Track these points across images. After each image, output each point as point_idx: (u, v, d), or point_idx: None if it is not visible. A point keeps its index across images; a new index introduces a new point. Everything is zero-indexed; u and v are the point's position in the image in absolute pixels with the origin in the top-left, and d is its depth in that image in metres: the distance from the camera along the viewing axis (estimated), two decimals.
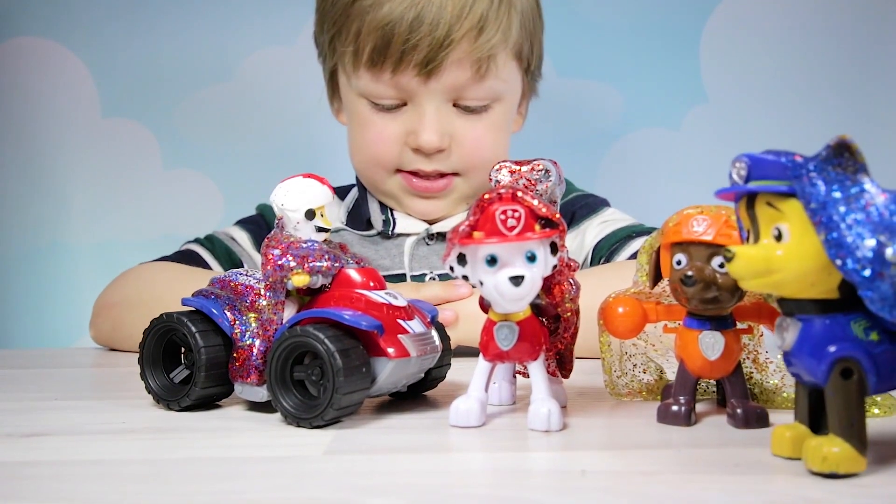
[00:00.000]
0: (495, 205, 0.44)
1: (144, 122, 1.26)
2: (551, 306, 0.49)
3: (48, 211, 1.25)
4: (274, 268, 0.49)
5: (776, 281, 0.37)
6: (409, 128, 0.84)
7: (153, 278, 0.85)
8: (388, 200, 0.92)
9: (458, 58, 0.81)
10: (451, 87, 0.83)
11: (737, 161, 0.39)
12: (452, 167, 0.86)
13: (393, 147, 0.86)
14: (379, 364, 0.48)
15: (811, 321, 0.38)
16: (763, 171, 0.38)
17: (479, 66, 0.82)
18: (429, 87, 0.82)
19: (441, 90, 0.83)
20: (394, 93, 0.84)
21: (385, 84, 0.83)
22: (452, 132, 0.84)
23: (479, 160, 0.85)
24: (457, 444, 0.45)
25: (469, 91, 0.83)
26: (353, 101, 0.89)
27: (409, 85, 0.82)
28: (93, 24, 1.25)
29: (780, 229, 0.37)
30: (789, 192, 0.37)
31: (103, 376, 0.72)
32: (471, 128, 0.85)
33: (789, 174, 0.37)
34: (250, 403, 0.53)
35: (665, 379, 0.54)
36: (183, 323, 0.51)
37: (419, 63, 0.80)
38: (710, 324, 0.47)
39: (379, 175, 0.89)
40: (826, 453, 0.36)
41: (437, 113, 0.83)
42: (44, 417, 0.52)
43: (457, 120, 0.85)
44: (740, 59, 1.25)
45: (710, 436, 0.45)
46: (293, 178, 0.51)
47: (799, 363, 0.38)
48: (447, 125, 0.84)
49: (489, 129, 0.86)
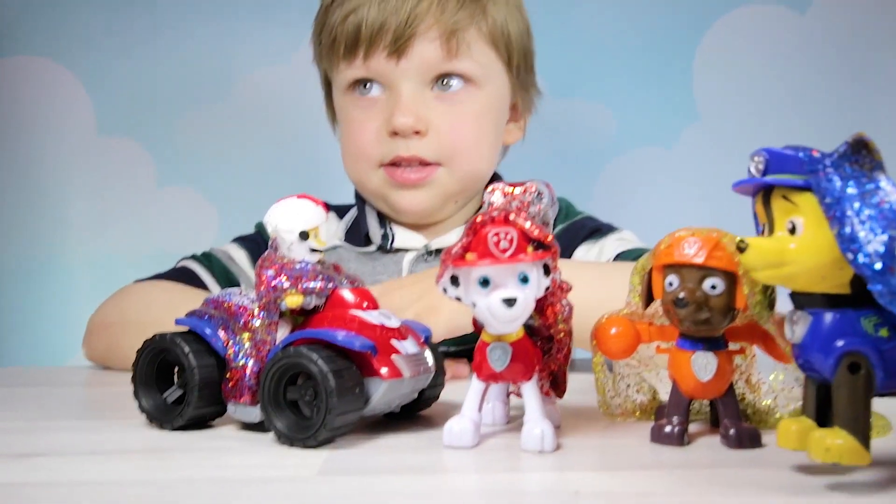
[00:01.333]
0: (488, 227, 0.44)
1: (140, 140, 1.26)
2: (544, 327, 0.49)
3: (43, 227, 1.25)
4: (268, 288, 0.49)
5: (788, 273, 0.38)
6: (386, 115, 0.85)
7: (150, 299, 0.85)
8: (377, 202, 0.91)
9: (425, 32, 0.82)
10: (423, 66, 0.84)
11: (755, 155, 0.40)
12: (433, 154, 0.85)
13: (373, 139, 0.86)
14: (372, 384, 0.48)
15: (821, 315, 0.38)
16: (781, 165, 0.39)
17: (447, 41, 0.83)
18: (401, 67, 0.83)
19: (414, 70, 0.84)
20: (367, 74, 0.85)
21: (359, 69, 0.85)
22: (430, 118, 0.84)
23: (460, 146, 0.85)
24: (450, 464, 0.45)
25: (442, 68, 0.84)
26: (340, 103, 0.90)
27: (382, 67, 0.84)
28: (89, 42, 1.26)
29: (794, 223, 0.38)
30: (805, 187, 0.38)
31: (96, 396, 0.72)
32: (449, 113, 0.85)
33: (806, 169, 0.38)
34: (243, 424, 0.53)
35: (658, 399, 0.54)
36: (176, 343, 0.51)
37: (388, 43, 0.82)
38: (702, 345, 0.47)
39: (364, 172, 0.88)
40: (829, 444, 0.36)
41: (412, 96, 0.84)
42: (37, 438, 0.52)
43: (434, 104, 0.85)
44: (734, 78, 1.26)
45: (704, 456, 0.45)
46: (287, 199, 0.51)
47: (808, 356, 0.39)
48: (423, 109, 0.84)
49: (468, 115, 0.86)
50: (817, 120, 1.23)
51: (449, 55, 0.84)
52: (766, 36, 1.26)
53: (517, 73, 0.91)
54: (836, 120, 1.23)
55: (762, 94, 1.26)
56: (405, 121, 0.83)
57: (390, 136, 0.85)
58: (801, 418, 0.40)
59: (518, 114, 0.95)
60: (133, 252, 1.24)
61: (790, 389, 0.51)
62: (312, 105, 1.01)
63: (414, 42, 0.83)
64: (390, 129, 0.84)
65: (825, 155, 0.37)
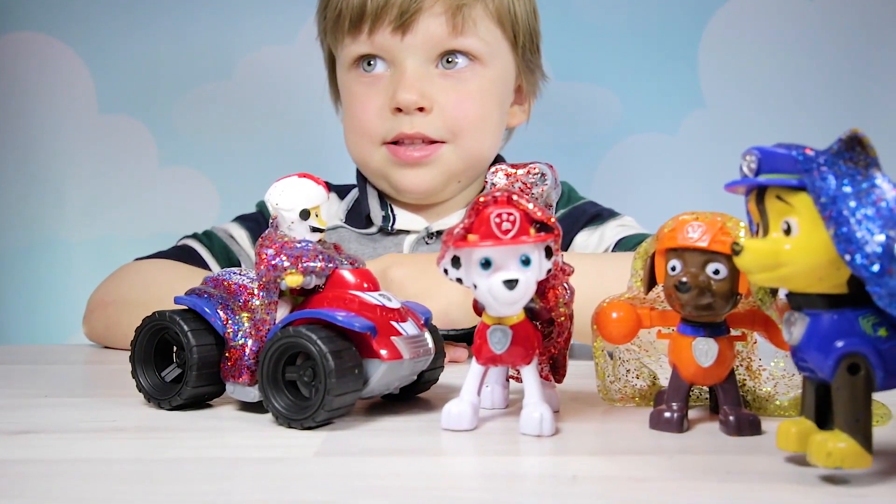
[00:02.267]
0: (490, 208, 0.44)
1: (141, 119, 1.25)
2: (545, 310, 0.49)
3: (43, 207, 1.25)
4: (267, 267, 0.49)
5: (784, 275, 0.37)
6: (390, 92, 0.84)
7: (150, 277, 0.85)
8: (379, 181, 0.90)
9: (430, 7, 0.82)
10: (428, 42, 0.83)
11: (747, 154, 0.39)
12: (437, 132, 0.84)
13: (376, 115, 0.85)
14: (371, 366, 0.48)
15: (819, 316, 0.37)
16: (774, 164, 0.38)
17: (453, 17, 0.82)
18: (405, 43, 0.83)
19: (419, 46, 0.83)
20: (372, 50, 0.84)
21: (364, 44, 0.85)
22: (434, 95, 0.84)
23: (465, 123, 0.85)
24: (448, 447, 0.44)
25: (448, 45, 0.83)
26: (343, 79, 0.90)
27: (387, 43, 0.83)
28: (91, 19, 1.25)
29: (789, 223, 0.37)
30: (799, 186, 0.37)
31: (95, 374, 0.72)
32: (453, 90, 0.84)
33: (800, 168, 0.37)
34: (242, 403, 0.52)
35: (658, 385, 0.54)
36: (175, 321, 0.51)
37: (394, 18, 0.82)
38: (703, 330, 0.47)
39: (367, 150, 0.88)
40: (831, 448, 0.36)
41: (417, 72, 0.83)
42: (34, 415, 0.52)
43: (439, 81, 0.84)
44: (738, 64, 1.25)
45: (703, 443, 0.45)
46: (288, 178, 0.51)
47: (806, 358, 0.38)
48: (428, 86, 0.84)
49: (473, 93, 0.85)
50: (823, 108, 1.22)
51: (455, 31, 0.83)
52: (773, 22, 1.25)
53: (523, 53, 0.90)
54: (843, 108, 1.22)
55: (768, 81, 1.25)
56: (409, 97, 0.82)
57: (393, 113, 0.84)
58: (801, 420, 0.39)
59: (523, 96, 0.95)
60: (134, 232, 1.24)
61: (791, 377, 0.51)
62: (316, 85, 1.00)
63: (420, 17, 0.82)
64: (394, 105, 0.84)
65: (819, 153, 0.37)
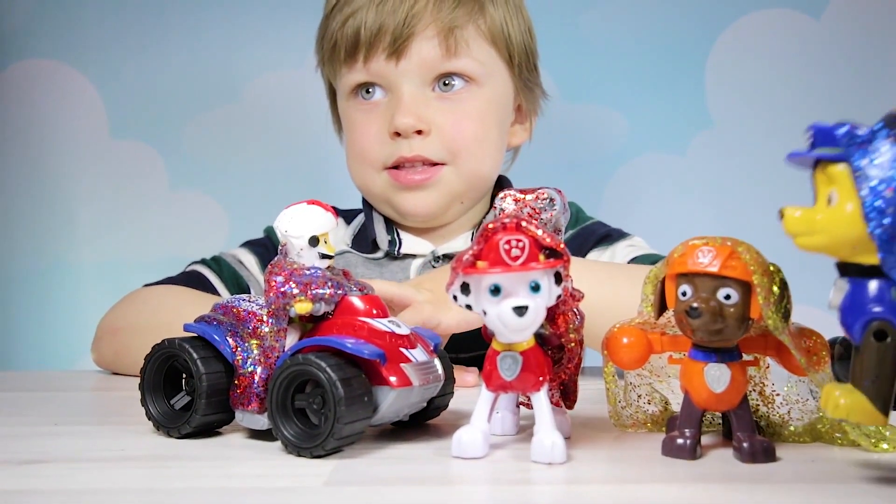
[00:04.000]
0: (499, 234, 0.44)
1: (151, 143, 1.27)
2: (555, 336, 0.48)
3: (54, 230, 1.26)
4: (277, 294, 0.49)
5: (820, 242, 0.39)
6: (388, 117, 0.85)
7: (160, 303, 0.85)
8: (383, 206, 0.91)
9: (423, 31, 0.83)
10: (423, 66, 0.84)
11: (807, 130, 0.41)
12: (437, 154, 0.85)
13: (376, 140, 0.86)
14: (381, 393, 0.48)
15: (856, 283, 0.39)
16: (824, 139, 0.40)
17: (446, 40, 0.83)
18: (400, 68, 0.84)
19: (414, 71, 0.84)
20: (369, 77, 0.86)
21: (360, 72, 0.86)
22: (432, 118, 0.84)
23: (463, 144, 0.85)
24: (459, 475, 0.44)
25: (442, 67, 0.84)
26: (343, 108, 0.91)
27: (382, 69, 0.84)
28: (102, 45, 1.26)
29: (831, 194, 0.39)
30: (840, 160, 0.39)
31: (104, 401, 0.72)
32: (451, 111, 0.85)
33: (843, 142, 0.39)
34: (251, 431, 0.52)
35: (670, 410, 0.53)
36: (184, 349, 0.51)
37: (387, 45, 0.83)
38: (715, 355, 0.46)
39: (369, 176, 0.88)
40: (839, 401, 0.38)
41: (413, 96, 0.84)
42: (43, 444, 0.51)
43: (436, 104, 0.85)
44: (746, 83, 1.25)
45: (716, 470, 0.44)
46: (297, 205, 0.51)
47: (844, 322, 0.40)
48: (425, 109, 0.84)
49: (469, 114, 0.86)
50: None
51: (448, 54, 0.84)
52: (780, 41, 1.25)
53: (519, 72, 0.91)
54: None
55: (775, 100, 1.25)
56: (406, 121, 0.83)
57: (392, 138, 0.85)
58: (845, 385, 0.40)
59: (524, 115, 0.95)
60: (144, 255, 1.24)
61: (805, 402, 0.50)
62: (322, 109, 1.01)
63: (412, 42, 0.83)
64: (392, 130, 0.84)
65: (862, 129, 0.39)
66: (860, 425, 0.47)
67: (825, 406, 0.39)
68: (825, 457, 0.46)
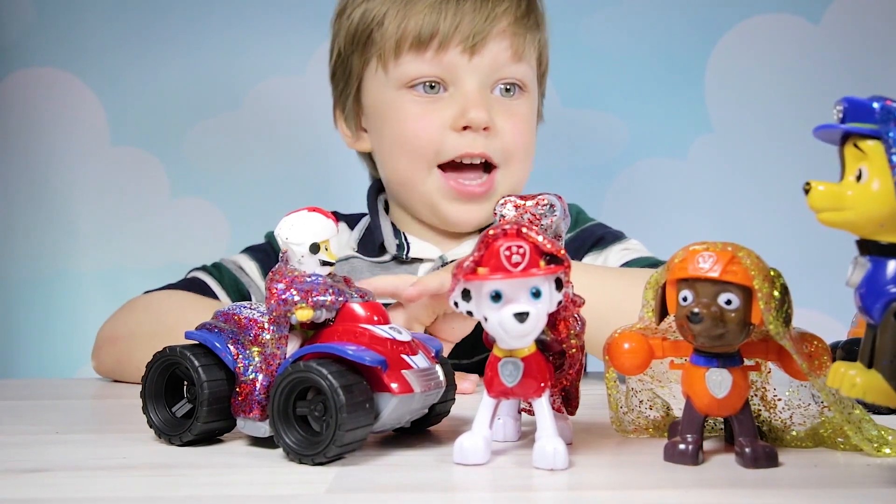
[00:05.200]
0: (500, 241, 0.44)
1: (152, 151, 1.27)
2: (556, 342, 0.48)
3: (55, 238, 1.26)
4: (278, 302, 0.49)
5: (846, 218, 0.39)
6: (454, 111, 0.84)
7: (160, 310, 0.85)
8: (420, 207, 0.89)
9: (500, 33, 0.84)
10: (493, 65, 0.85)
11: (837, 103, 0.41)
12: (496, 154, 0.85)
13: (437, 133, 0.85)
14: (382, 400, 0.48)
15: (879, 262, 0.39)
16: (857, 114, 0.39)
17: (516, 45, 0.85)
18: (472, 63, 0.84)
19: (484, 68, 0.84)
20: (437, 71, 0.85)
21: (428, 63, 0.85)
22: (495, 118, 0.85)
23: (521, 146, 0.87)
24: (461, 482, 0.44)
25: (507, 71, 0.86)
26: (391, 99, 0.87)
27: (454, 62, 0.84)
28: (102, 53, 1.26)
29: (861, 170, 0.39)
30: (875, 135, 0.38)
31: (105, 409, 0.72)
32: (509, 113, 0.86)
33: (877, 118, 0.38)
34: (252, 439, 0.52)
35: (672, 416, 0.53)
36: (186, 357, 0.51)
37: (464, 38, 0.83)
38: (717, 361, 0.46)
39: (420, 172, 0.86)
40: (856, 380, 0.38)
41: (479, 92, 0.84)
42: (45, 452, 0.51)
43: (496, 105, 0.86)
44: (746, 88, 1.25)
45: (719, 476, 0.44)
46: (298, 212, 0.51)
47: (863, 301, 0.40)
48: (490, 108, 0.85)
49: (524, 117, 0.88)
50: None
51: (515, 56, 0.86)
52: (780, 45, 1.25)
53: (540, 82, 0.94)
54: None
55: (775, 104, 1.25)
56: (481, 115, 0.83)
57: (459, 132, 0.84)
58: (856, 363, 0.40)
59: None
60: (145, 263, 1.24)
61: (806, 406, 0.50)
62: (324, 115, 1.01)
63: (488, 39, 0.84)
64: (464, 122, 0.83)
65: None
66: (862, 429, 0.47)
67: (838, 384, 0.38)
68: (828, 462, 0.46)
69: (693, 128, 1.25)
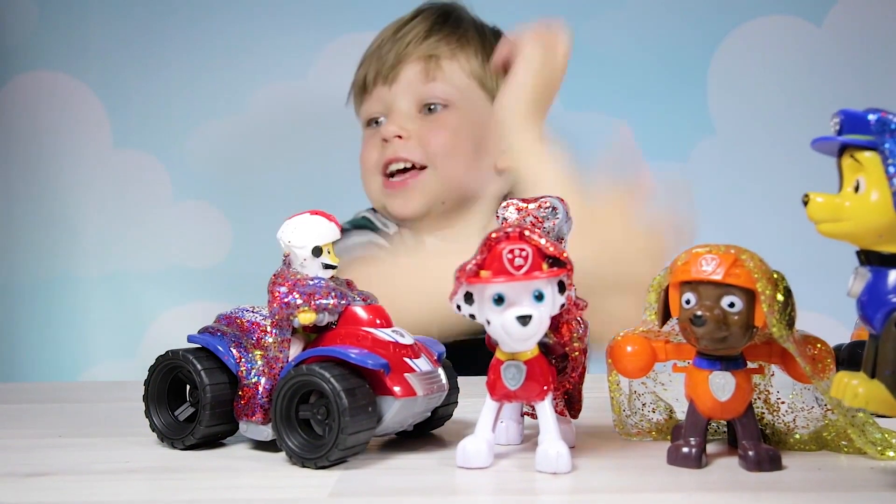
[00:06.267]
0: (502, 244, 0.44)
1: (155, 154, 1.27)
2: (559, 345, 0.48)
3: (58, 241, 1.26)
4: (280, 305, 0.49)
5: (845, 229, 0.39)
6: (382, 133, 1.00)
7: None
8: (380, 208, 1.03)
9: (411, 62, 0.99)
10: (408, 89, 0.99)
11: (834, 116, 0.41)
12: (417, 157, 0.98)
13: (373, 151, 1.01)
14: (385, 403, 0.47)
15: (879, 272, 0.39)
16: (853, 126, 0.40)
17: (427, 68, 0.99)
18: (393, 91, 1.00)
19: (403, 93, 0.99)
20: (377, 107, 1.01)
21: (369, 102, 1.02)
22: (415, 130, 0.99)
23: (439, 149, 0.99)
24: (464, 485, 0.44)
25: (424, 91, 0.99)
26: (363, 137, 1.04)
27: (382, 95, 1.00)
28: (105, 57, 1.27)
29: (858, 181, 0.39)
30: (871, 147, 0.39)
31: (108, 412, 0.72)
32: (430, 125, 0.99)
33: (874, 130, 0.39)
34: (255, 442, 0.52)
35: (675, 419, 0.53)
36: (188, 360, 0.51)
37: (383, 75, 1.00)
38: (720, 363, 0.46)
39: (368, 181, 1.02)
40: (858, 390, 0.38)
41: (400, 112, 0.99)
42: (48, 456, 0.51)
43: (417, 120, 1.00)
44: (747, 90, 1.25)
45: (722, 479, 0.44)
46: (300, 215, 0.51)
47: (864, 311, 0.40)
48: (409, 124, 0.99)
49: (445, 127, 1.00)
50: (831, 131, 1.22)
51: (427, 79, 0.99)
52: (782, 47, 1.25)
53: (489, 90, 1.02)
54: None
55: (777, 107, 1.25)
56: (390, 128, 0.98)
57: (382, 145, 0.99)
58: (859, 373, 0.40)
59: None
60: (147, 266, 1.24)
61: (810, 409, 0.50)
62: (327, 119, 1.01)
63: (400, 68, 0.99)
64: (381, 137, 0.99)
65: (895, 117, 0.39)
66: (866, 432, 0.47)
67: (841, 395, 0.38)
68: (831, 465, 0.46)
69: (695, 131, 1.25)
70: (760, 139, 1.24)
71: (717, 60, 1.25)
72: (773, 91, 1.25)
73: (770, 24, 1.25)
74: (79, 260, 1.26)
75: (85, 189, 1.26)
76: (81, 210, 1.26)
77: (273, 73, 1.27)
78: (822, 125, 1.20)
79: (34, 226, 1.26)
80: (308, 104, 1.22)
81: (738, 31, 1.25)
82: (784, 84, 1.25)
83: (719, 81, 1.25)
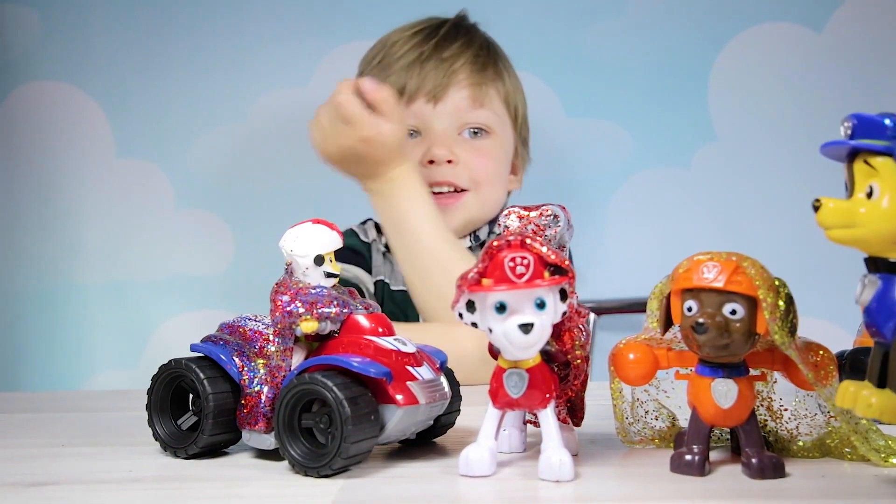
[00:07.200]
0: (504, 252, 0.44)
1: (158, 163, 1.27)
2: (561, 353, 0.48)
3: (61, 250, 1.26)
4: (283, 314, 0.49)
5: (857, 235, 0.38)
6: (422, 150, 1.00)
7: None
8: None
9: (458, 84, 1.01)
10: (455, 111, 1.00)
11: (846, 120, 0.40)
12: (464, 181, 1.01)
13: None
14: (388, 411, 0.47)
15: (890, 280, 0.38)
16: (867, 130, 0.39)
17: (474, 94, 1.01)
18: (437, 110, 1.00)
19: (447, 114, 1.00)
20: (412, 121, 1.00)
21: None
22: (459, 153, 1.00)
23: (484, 175, 1.02)
24: (467, 494, 0.44)
25: (470, 116, 1.01)
26: None
27: (421, 111, 1.00)
28: (107, 66, 1.27)
29: (872, 187, 0.38)
30: (886, 152, 0.38)
31: (111, 421, 0.72)
32: (475, 150, 1.01)
33: (888, 135, 0.38)
34: (258, 451, 0.52)
35: (678, 426, 0.53)
36: (191, 369, 0.51)
37: (427, 91, 1.00)
38: (722, 371, 0.46)
39: None
40: (872, 401, 0.37)
41: (444, 134, 1.00)
42: (51, 465, 0.51)
43: (462, 143, 1.01)
44: (749, 97, 1.25)
45: (725, 487, 0.44)
46: (302, 224, 0.51)
47: (873, 319, 0.39)
48: (454, 146, 1.00)
49: (487, 154, 1.02)
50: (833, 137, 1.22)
51: (474, 104, 1.00)
52: (782, 54, 1.25)
53: (519, 132, 1.07)
54: None
55: (778, 113, 1.25)
56: (441, 152, 0.99)
57: (425, 166, 0.99)
58: (864, 382, 0.40)
59: (517, 168, 1.09)
60: (150, 274, 1.24)
61: (813, 416, 0.50)
62: None
63: (448, 90, 1.00)
64: (429, 158, 0.99)
65: None
66: (869, 439, 0.47)
67: (852, 405, 0.38)
68: (835, 472, 0.46)
69: (697, 137, 1.25)
70: (762, 145, 1.24)
71: (718, 67, 1.26)
72: (773, 97, 1.25)
73: (770, 31, 1.26)
74: (82, 269, 1.26)
75: (88, 198, 1.26)
76: (84, 219, 1.26)
77: (275, 82, 1.27)
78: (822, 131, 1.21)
79: (37, 235, 1.26)
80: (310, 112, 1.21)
81: (738, 38, 1.26)
82: (785, 90, 1.25)
83: (721, 88, 1.26)
